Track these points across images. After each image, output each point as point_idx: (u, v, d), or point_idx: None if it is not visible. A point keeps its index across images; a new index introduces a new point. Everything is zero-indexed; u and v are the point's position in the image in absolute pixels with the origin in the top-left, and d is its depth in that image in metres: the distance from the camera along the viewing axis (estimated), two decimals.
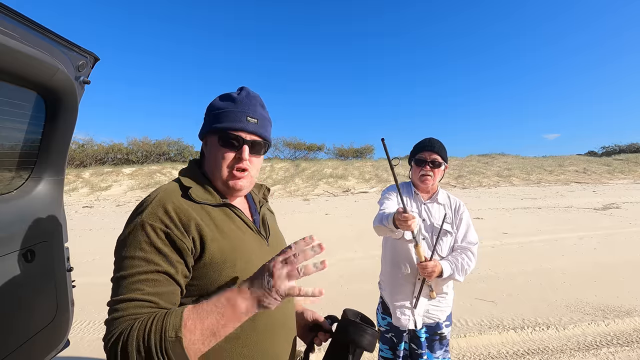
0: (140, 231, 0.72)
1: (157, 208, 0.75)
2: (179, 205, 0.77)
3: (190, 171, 0.90)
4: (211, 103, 0.91)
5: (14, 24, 1.07)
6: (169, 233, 0.73)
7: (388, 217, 1.51)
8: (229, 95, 0.89)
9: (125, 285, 0.68)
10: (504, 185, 16.98)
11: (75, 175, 16.26)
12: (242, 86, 0.92)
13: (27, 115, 1.32)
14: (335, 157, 24.36)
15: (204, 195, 0.84)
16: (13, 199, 1.37)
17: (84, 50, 1.39)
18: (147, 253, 0.71)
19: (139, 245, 0.71)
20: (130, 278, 0.69)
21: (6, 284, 1.28)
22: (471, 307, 3.50)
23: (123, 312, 0.66)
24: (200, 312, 0.65)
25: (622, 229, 7.06)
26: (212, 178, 0.89)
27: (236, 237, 0.84)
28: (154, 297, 0.69)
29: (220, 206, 0.86)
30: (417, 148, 1.74)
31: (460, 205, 1.74)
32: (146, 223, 0.73)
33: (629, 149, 26.51)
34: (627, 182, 17.19)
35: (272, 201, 13.25)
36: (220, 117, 0.86)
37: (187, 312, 0.65)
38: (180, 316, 0.64)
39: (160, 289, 0.70)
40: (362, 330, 0.87)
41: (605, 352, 2.64)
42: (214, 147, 0.87)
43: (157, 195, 0.78)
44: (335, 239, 6.67)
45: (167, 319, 0.64)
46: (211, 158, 0.88)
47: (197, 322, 0.64)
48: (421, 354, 1.64)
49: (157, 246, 0.72)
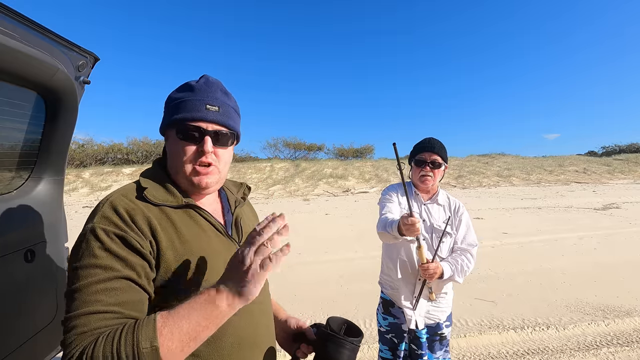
0: (92, 237, 0.65)
1: (108, 211, 0.69)
2: (133, 207, 0.71)
3: (151, 171, 0.82)
4: (169, 95, 0.82)
5: (14, 24, 1.07)
6: (124, 236, 0.66)
7: (392, 225, 1.49)
8: (187, 84, 0.82)
9: (82, 298, 0.60)
10: (504, 185, 16.98)
11: (75, 175, 16.26)
12: (203, 74, 0.84)
13: (27, 115, 1.32)
14: (335, 157, 24.38)
15: (164, 195, 0.77)
16: (13, 199, 1.37)
17: (84, 50, 1.39)
18: (102, 259, 0.63)
19: (92, 252, 0.64)
20: (86, 289, 0.61)
21: (6, 284, 1.28)
22: (471, 307, 3.50)
23: (83, 328, 0.58)
24: (176, 317, 0.59)
25: (622, 229, 7.06)
26: (175, 176, 0.81)
27: (199, 242, 0.76)
28: (116, 307, 0.61)
29: (182, 207, 0.78)
30: (417, 149, 1.74)
31: (459, 207, 1.74)
32: (97, 228, 0.66)
33: (629, 149, 26.51)
34: (627, 182, 17.20)
35: (272, 201, 13.24)
36: (177, 108, 0.78)
37: (160, 319, 0.59)
38: (153, 324, 0.58)
39: (123, 297, 0.63)
40: (340, 345, 0.82)
41: (605, 352, 2.64)
42: (173, 142, 0.79)
43: (109, 198, 0.72)
44: (335, 239, 6.67)
45: (139, 329, 0.57)
46: (172, 154, 0.80)
47: (174, 328, 0.58)
48: (421, 354, 1.63)
49: (112, 250, 0.64)
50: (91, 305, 0.60)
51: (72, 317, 0.60)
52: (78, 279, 0.62)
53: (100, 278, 0.62)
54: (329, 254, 5.62)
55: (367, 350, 2.71)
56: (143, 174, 0.82)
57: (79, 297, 0.61)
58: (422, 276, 1.58)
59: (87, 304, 0.60)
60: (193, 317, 0.59)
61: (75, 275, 0.63)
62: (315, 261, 5.24)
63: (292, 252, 4.53)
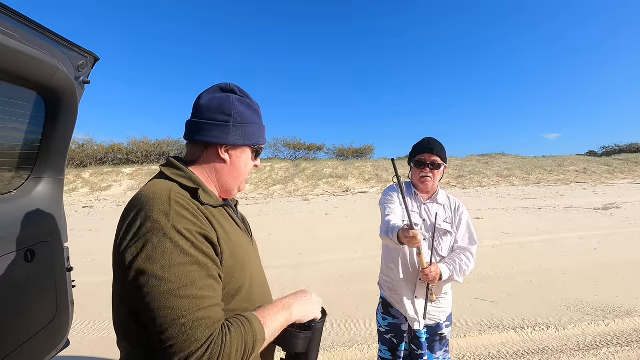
0: (178, 236, 0.67)
1: (181, 210, 0.71)
2: (194, 207, 0.75)
3: (184, 172, 0.84)
4: (238, 111, 0.87)
5: (14, 24, 1.07)
6: (206, 234, 0.72)
7: (393, 231, 1.50)
8: (251, 106, 0.91)
9: (195, 294, 0.65)
10: (504, 185, 16.98)
11: (75, 175, 16.26)
12: (242, 91, 0.91)
13: (27, 115, 1.32)
14: (335, 157, 24.36)
15: (206, 197, 0.82)
16: (13, 199, 1.37)
17: (84, 50, 1.40)
18: (196, 257, 0.68)
19: (184, 251, 0.67)
20: (192, 287, 0.65)
21: (6, 284, 1.28)
22: (471, 307, 3.50)
23: (208, 321, 0.65)
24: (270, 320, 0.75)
25: (622, 229, 7.06)
26: (222, 184, 0.91)
27: (238, 237, 0.85)
28: (219, 300, 0.72)
29: (218, 207, 0.85)
30: (416, 149, 1.74)
31: (459, 206, 1.74)
32: (180, 227, 0.68)
33: (629, 149, 26.50)
34: (627, 182, 17.20)
35: (272, 201, 13.26)
36: (258, 133, 0.92)
37: (261, 319, 0.74)
38: (260, 323, 0.72)
39: (218, 291, 0.72)
40: (291, 336, 0.83)
41: (605, 352, 2.64)
42: (246, 159, 0.92)
43: (170, 197, 0.72)
44: (335, 239, 6.67)
45: (253, 325, 0.70)
46: (239, 168, 0.91)
47: (270, 329, 0.74)
48: (421, 354, 1.63)
49: (201, 249, 0.70)
50: (204, 300, 0.66)
51: (192, 312, 0.64)
52: (180, 278, 0.65)
53: (201, 275, 0.68)
54: (329, 254, 5.62)
55: (367, 350, 2.71)
56: (176, 173, 0.82)
57: (189, 294, 0.65)
58: (424, 280, 1.58)
59: (201, 300, 0.66)
60: (279, 319, 0.77)
61: (173, 273, 0.65)
62: (315, 261, 5.23)
63: (292, 252, 4.53)
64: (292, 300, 0.83)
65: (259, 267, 0.95)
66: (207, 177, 0.89)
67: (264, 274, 0.98)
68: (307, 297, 0.87)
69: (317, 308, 0.88)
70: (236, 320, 0.70)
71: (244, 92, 0.91)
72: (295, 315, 0.81)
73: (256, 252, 0.99)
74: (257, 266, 0.94)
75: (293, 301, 0.83)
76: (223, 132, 0.85)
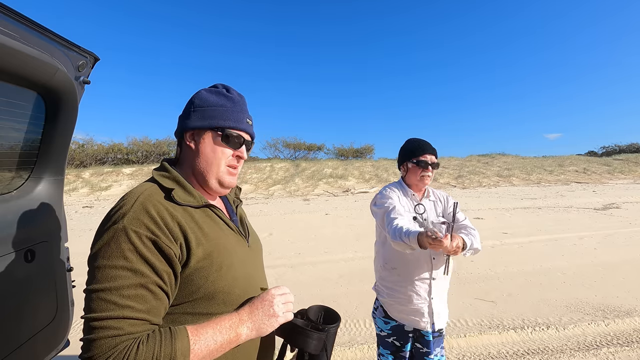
0: (123, 238, 0.66)
1: (140, 213, 0.69)
2: (162, 209, 0.73)
3: (168, 171, 0.83)
4: (200, 97, 0.87)
5: (14, 24, 1.07)
6: (156, 241, 0.68)
7: (409, 235, 1.40)
8: (221, 92, 0.88)
9: (114, 300, 0.63)
10: (504, 185, 16.97)
11: (75, 175, 16.26)
12: (223, 84, 0.91)
13: (27, 115, 1.32)
14: (335, 157, 24.34)
15: (186, 196, 0.80)
16: (13, 199, 1.37)
17: (84, 50, 1.40)
18: (134, 263, 0.65)
19: (123, 254, 0.65)
20: (117, 292, 0.63)
21: (6, 284, 1.28)
22: (471, 307, 3.50)
23: (118, 331, 0.62)
24: (205, 337, 0.68)
25: (622, 229, 7.05)
26: (198, 176, 0.86)
27: (219, 239, 0.81)
28: (145, 314, 0.65)
29: (201, 207, 0.82)
30: (416, 150, 1.74)
31: (447, 197, 1.85)
32: (129, 229, 0.67)
33: (629, 149, 26.51)
34: (627, 182, 17.19)
35: (272, 201, 13.25)
36: (221, 115, 0.85)
37: (192, 336, 0.66)
38: (187, 340, 0.65)
39: (150, 304, 0.66)
40: (306, 335, 0.81)
41: (605, 352, 2.63)
42: (210, 143, 0.85)
43: (137, 198, 0.72)
44: (335, 239, 6.67)
45: (175, 342, 0.64)
46: (205, 153, 0.85)
47: (203, 347, 0.67)
48: (427, 352, 1.63)
49: (143, 255, 0.66)
50: (124, 310, 0.63)
51: (103, 318, 0.62)
52: (107, 280, 0.64)
53: (132, 283, 0.65)
54: (329, 254, 5.62)
55: (367, 350, 2.71)
56: (160, 174, 0.82)
57: (109, 298, 0.63)
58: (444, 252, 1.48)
59: (119, 308, 0.63)
60: (218, 339, 0.69)
61: (104, 274, 0.65)
62: (315, 261, 5.23)
63: (292, 252, 4.54)
64: (245, 317, 0.75)
65: (250, 270, 0.88)
66: (189, 173, 0.87)
67: (260, 277, 0.94)
68: (270, 308, 0.78)
69: (277, 321, 0.78)
70: (159, 333, 0.65)
71: (225, 86, 0.91)
72: (245, 334, 0.73)
73: (252, 254, 0.93)
74: (248, 269, 0.87)
75: (247, 318, 0.75)
76: (184, 119, 0.87)
